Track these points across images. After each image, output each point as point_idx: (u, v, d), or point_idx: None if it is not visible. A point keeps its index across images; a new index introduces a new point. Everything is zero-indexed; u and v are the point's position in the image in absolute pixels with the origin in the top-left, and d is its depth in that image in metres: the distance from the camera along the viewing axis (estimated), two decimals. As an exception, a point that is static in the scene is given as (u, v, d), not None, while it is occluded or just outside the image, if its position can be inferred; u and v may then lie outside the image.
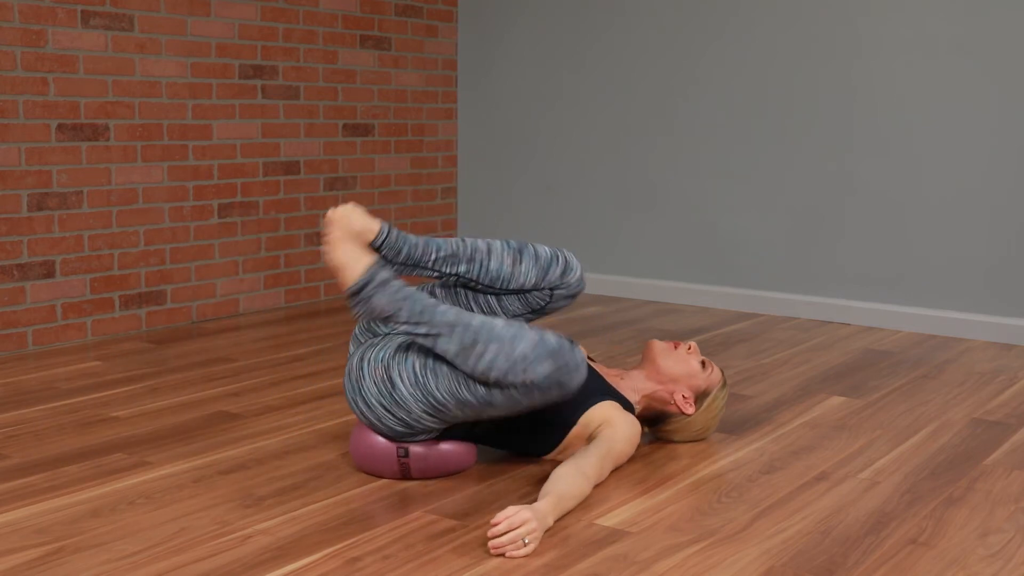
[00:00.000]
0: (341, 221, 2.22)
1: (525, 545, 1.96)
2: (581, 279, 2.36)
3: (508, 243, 2.32)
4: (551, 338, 2.13)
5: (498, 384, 2.12)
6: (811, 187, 4.29)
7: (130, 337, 3.87)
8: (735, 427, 2.83)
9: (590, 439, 2.41)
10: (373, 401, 2.29)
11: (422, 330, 2.17)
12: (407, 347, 2.28)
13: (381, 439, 2.36)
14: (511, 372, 2.10)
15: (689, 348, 2.62)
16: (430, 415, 2.25)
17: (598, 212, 4.83)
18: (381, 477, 2.40)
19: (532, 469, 2.48)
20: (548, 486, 2.12)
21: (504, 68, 5.02)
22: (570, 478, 2.15)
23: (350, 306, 2.21)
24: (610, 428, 2.37)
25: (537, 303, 2.40)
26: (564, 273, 2.35)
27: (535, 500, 2.29)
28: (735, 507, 2.25)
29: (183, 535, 2.08)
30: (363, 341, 2.42)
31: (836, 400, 3.11)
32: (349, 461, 2.53)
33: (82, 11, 3.66)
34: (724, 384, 2.65)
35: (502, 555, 1.97)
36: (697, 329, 4.09)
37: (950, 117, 3.97)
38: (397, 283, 2.20)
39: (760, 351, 3.73)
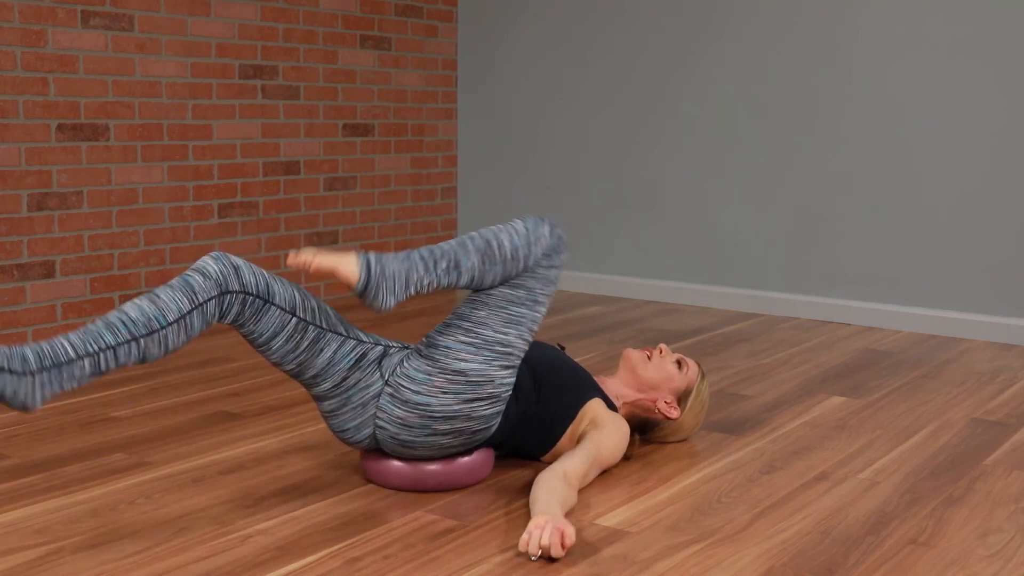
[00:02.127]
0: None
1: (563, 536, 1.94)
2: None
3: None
4: (527, 216, 2.31)
5: (526, 267, 2.27)
6: (811, 187, 4.29)
7: (130, 337, 3.86)
8: (735, 427, 2.83)
9: (580, 439, 2.40)
10: (456, 408, 2.22)
11: (443, 264, 2.19)
12: (429, 349, 2.22)
13: (396, 462, 2.31)
14: (530, 244, 2.26)
15: (661, 352, 2.62)
16: (506, 366, 2.25)
17: (598, 212, 4.83)
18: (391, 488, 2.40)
19: (530, 470, 2.48)
20: (536, 498, 2.09)
21: (504, 68, 5.02)
22: (556, 490, 2.13)
23: (370, 297, 2.12)
24: (598, 431, 2.36)
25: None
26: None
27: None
28: (735, 507, 2.25)
29: (183, 535, 2.08)
30: (365, 413, 2.26)
31: (836, 400, 3.11)
32: (349, 461, 2.53)
33: (82, 11, 3.66)
34: (703, 376, 2.64)
35: (556, 556, 1.95)
36: (697, 329, 4.09)
37: (950, 117, 3.97)
38: (387, 253, 2.19)
39: (760, 351, 3.73)
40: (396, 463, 2.31)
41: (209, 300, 2.07)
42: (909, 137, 4.06)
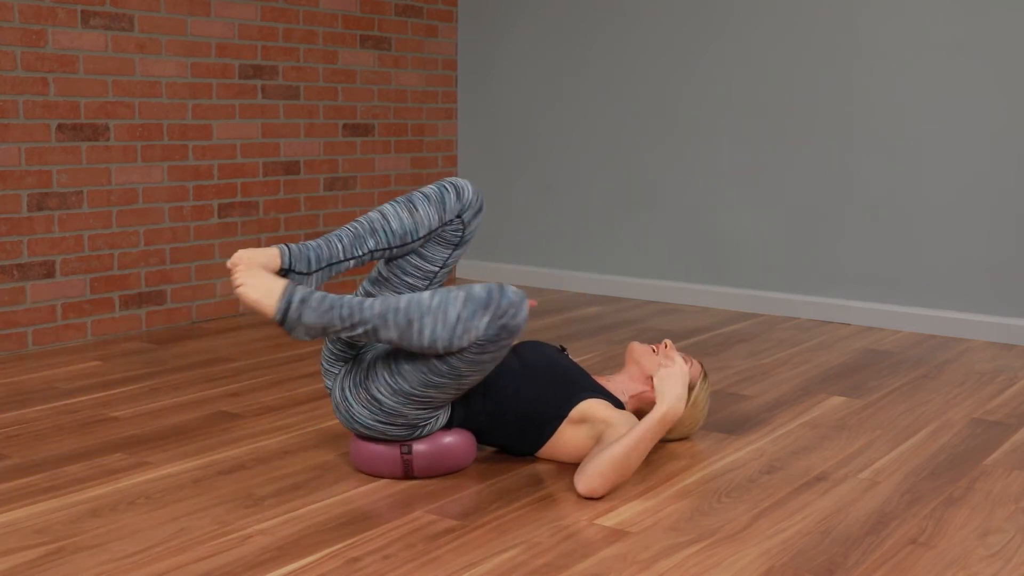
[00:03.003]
0: (243, 259, 2.21)
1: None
2: (476, 191, 2.40)
3: (396, 201, 2.35)
4: (477, 290, 2.15)
5: (450, 354, 2.16)
6: (811, 187, 4.29)
7: (130, 337, 3.87)
8: (735, 427, 2.83)
9: (599, 441, 2.40)
10: (370, 422, 2.33)
11: (359, 330, 2.17)
12: (372, 363, 2.32)
13: (380, 444, 2.37)
14: (454, 338, 2.12)
15: (666, 347, 2.62)
16: (422, 409, 2.29)
17: (598, 212, 4.83)
18: (382, 477, 2.40)
19: (532, 469, 2.48)
20: (603, 452, 2.25)
21: (504, 68, 5.02)
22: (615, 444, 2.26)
23: (287, 329, 2.23)
24: (612, 430, 2.37)
25: (454, 236, 2.41)
26: (459, 196, 2.38)
27: (534, 500, 2.29)
28: (735, 507, 2.25)
29: (183, 535, 2.08)
30: (336, 372, 2.43)
31: (836, 400, 3.11)
32: (349, 461, 2.53)
33: (82, 11, 3.66)
34: (705, 376, 2.65)
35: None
36: (697, 329, 4.09)
37: (950, 117, 3.97)
38: (317, 296, 2.18)
39: (760, 351, 3.73)
40: (381, 448, 2.36)
41: (452, 221, 2.34)
42: (909, 137, 4.06)
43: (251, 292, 2.18)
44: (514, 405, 2.41)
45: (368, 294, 2.43)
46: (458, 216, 2.38)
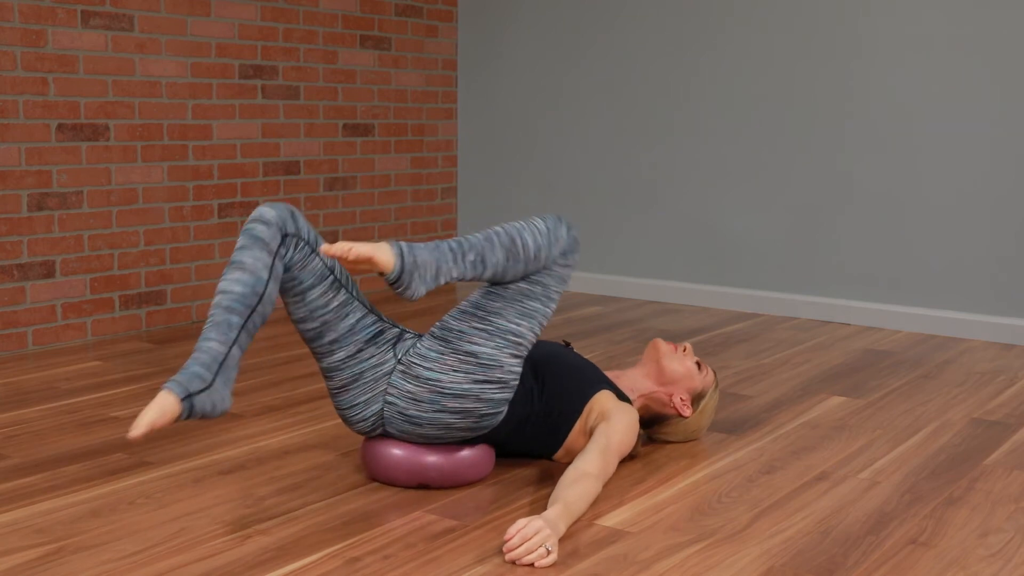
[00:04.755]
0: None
1: (549, 553, 1.95)
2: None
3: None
4: (545, 214, 2.37)
5: (545, 265, 2.33)
6: (811, 187, 4.29)
7: (130, 337, 3.87)
8: (735, 427, 2.83)
9: (589, 434, 2.41)
10: (466, 386, 2.26)
11: (471, 257, 2.25)
12: (447, 328, 2.29)
13: (399, 451, 2.33)
14: (551, 246, 2.32)
15: (685, 350, 2.64)
16: (515, 357, 2.31)
17: (598, 212, 4.83)
18: (396, 486, 2.40)
19: (531, 470, 2.48)
20: (555, 494, 2.12)
21: (504, 68, 5.02)
22: (575, 482, 2.14)
23: (402, 285, 2.17)
24: (606, 422, 2.37)
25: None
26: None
27: (534, 500, 2.29)
28: (735, 507, 2.25)
29: (183, 535, 2.08)
30: (376, 388, 2.30)
31: (836, 400, 3.11)
32: (349, 461, 2.53)
33: (82, 11, 3.66)
34: (716, 386, 2.67)
35: (530, 565, 1.95)
36: (697, 329, 4.09)
37: (950, 117, 3.97)
38: (417, 243, 2.24)
39: (760, 351, 3.73)
40: (397, 452, 2.31)
41: (279, 246, 2.23)
42: (909, 137, 4.06)
43: (364, 247, 2.16)
44: (539, 405, 2.40)
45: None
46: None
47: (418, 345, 2.29)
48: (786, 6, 4.27)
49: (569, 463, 2.53)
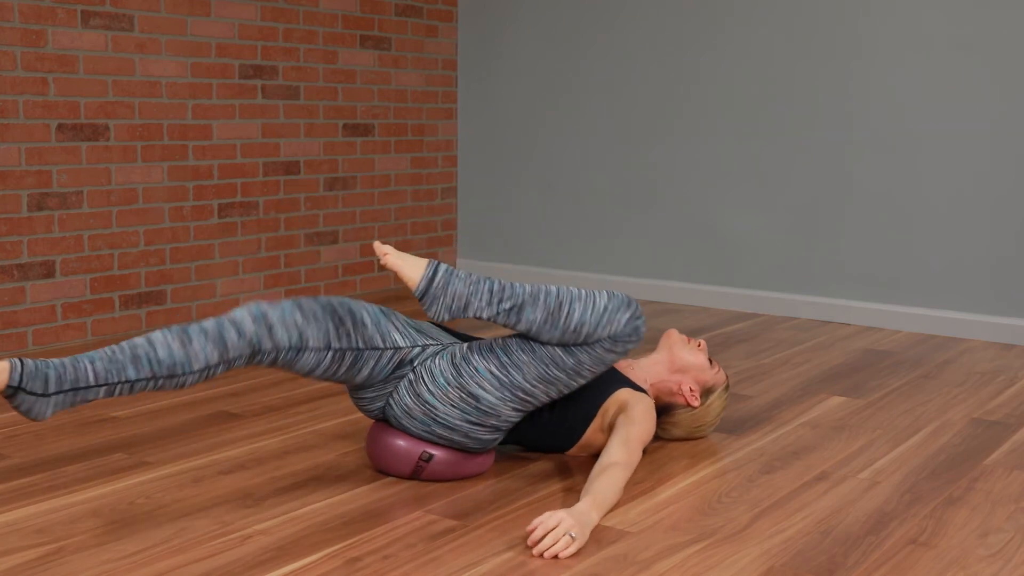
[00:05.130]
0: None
1: (573, 540, 1.98)
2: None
3: (170, 328, 2.10)
4: (618, 292, 2.26)
5: (586, 342, 2.22)
6: (811, 187, 4.29)
7: (130, 337, 3.87)
8: (735, 427, 2.83)
9: (608, 428, 2.42)
10: (457, 423, 2.28)
11: (507, 305, 2.20)
12: (466, 359, 2.26)
13: (402, 441, 2.35)
14: (599, 326, 2.20)
15: (699, 345, 2.65)
16: (518, 409, 2.29)
17: (598, 212, 4.83)
18: (388, 475, 2.40)
19: (532, 468, 2.48)
20: (584, 489, 2.16)
21: (504, 68, 5.02)
22: (601, 473, 2.18)
23: (425, 304, 2.18)
24: (624, 413, 2.40)
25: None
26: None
27: (534, 500, 2.29)
28: (735, 507, 2.25)
29: (183, 535, 2.08)
30: (384, 389, 2.31)
31: (836, 400, 3.11)
32: (349, 461, 2.53)
33: (82, 11, 3.66)
34: (727, 386, 2.67)
35: (555, 557, 1.97)
36: (697, 329, 4.09)
37: (950, 117, 3.97)
38: (462, 271, 2.22)
39: (760, 351, 3.73)
40: (401, 443, 2.33)
41: (239, 357, 2.11)
42: (909, 137, 4.06)
43: (398, 259, 2.18)
44: (554, 412, 2.42)
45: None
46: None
47: (436, 360, 2.28)
48: (786, 6, 4.27)
49: (584, 456, 2.55)
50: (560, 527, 1.98)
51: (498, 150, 5.09)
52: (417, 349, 2.31)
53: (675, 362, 2.61)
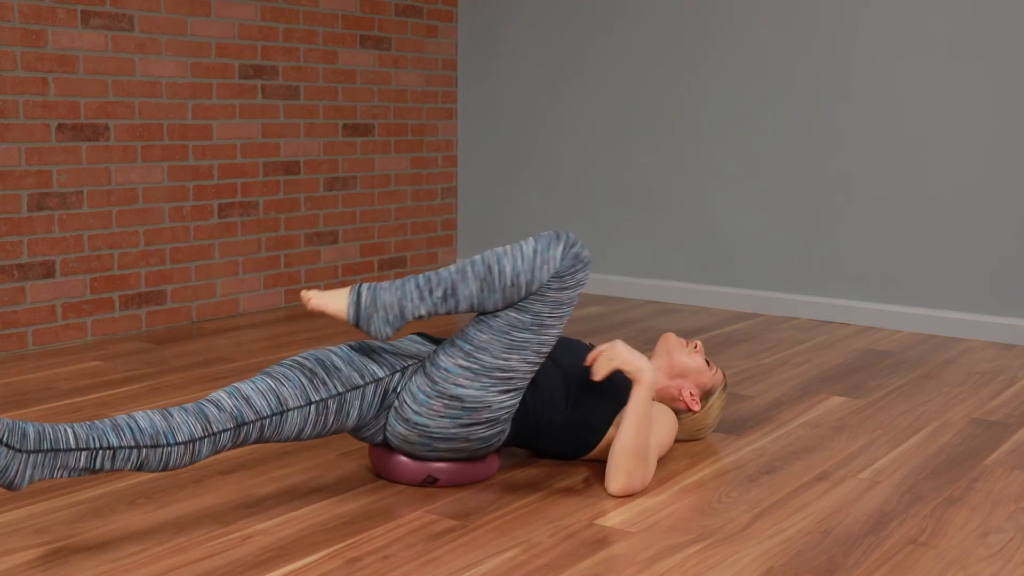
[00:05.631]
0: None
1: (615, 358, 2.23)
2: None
3: (152, 413, 2.04)
4: (547, 232, 2.22)
5: (532, 291, 2.18)
6: (811, 187, 4.29)
7: (130, 337, 3.87)
8: (735, 427, 2.83)
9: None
10: (453, 431, 2.24)
11: (438, 293, 2.17)
12: (435, 365, 2.22)
13: (406, 458, 2.33)
14: (536, 268, 2.17)
15: (696, 347, 2.64)
16: (506, 391, 2.23)
17: (598, 212, 4.83)
18: (400, 483, 2.40)
19: (532, 470, 2.48)
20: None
21: (504, 68, 5.02)
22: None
23: (364, 328, 2.17)
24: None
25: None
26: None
27: (534, 500, 2.29)
28: (735, 507, 2.25)
29: (183, 535, 2.08)
30: (377, 423, 2.27)
31: (836, 400, 3.11)
32: (349, 461, 2.53)
33: (82, 11, 3.66)
34: (725, 387, 2.67)
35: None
36: (697, 329, 4.09)
37: (950, 117, 3.97)
38: (386, 282, 2.20)
39: (760, 351, 3.73)
40: (403, 459, 2.33)
41: (224, 431, 2.06)
42: (909, 137, 4.06)
43: (320, 299, 2.17)
44: (559, 417, 2.39)
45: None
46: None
47: (413, 379, 2.24)
48: (786, 6, 4.27)
49: (556, 460, 2.54)
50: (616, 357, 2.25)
51: (498, 150, 5.09)
52: (398, 375, 2.26)
53: (674, 367, 2.59)
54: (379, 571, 1.92)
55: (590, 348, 2.59)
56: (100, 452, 1.92)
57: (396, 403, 2.24)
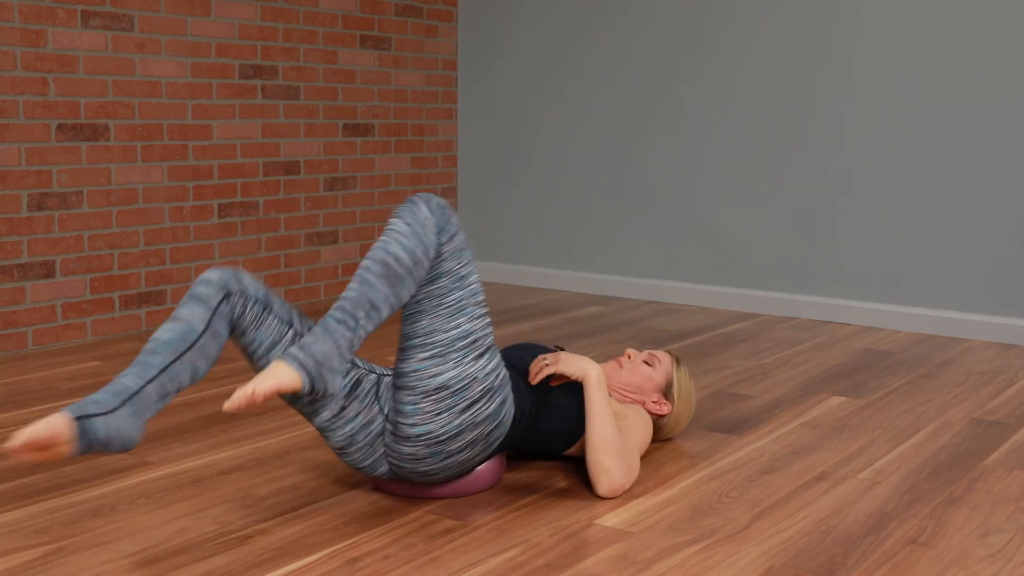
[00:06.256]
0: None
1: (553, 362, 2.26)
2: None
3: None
4: (399, 209, 2.21)
5: (433, 258, 2.16)
6: (811, 187, 4.29)
7: (130, 337, 3.87)
8: (735, 427, 2.83)
9: None
10: (458, 421, 2.17)
11: (360, 313, 2.09)
12: (401, 380, 2.17)
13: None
14: (422, 238, 2.14)
15: (629, 357, 2.61)
16: (480, 355, 2.17)
17: (598, 212, 4.83)
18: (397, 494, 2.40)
19: (531, 471, 2.48)
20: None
21: (504, 68, 5.02)
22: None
23: (320, 390, 2.04)
24: (621, 421, 2.40)
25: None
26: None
27: (534, 500, 2.29)
28: (735, 507, 2.25)
29: (183, 535, 2.08)
30: (373, 450, 2.23)
31: (836, 400, 3.11)
32: (349, 461, 2.53)
33: (82, 11, 3.66)
34: (678, 363, 2.63)
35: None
36: (697, 329, 4.09)
37: (950, 117, 3.97)
38: (306, 338, 2.07)
39: (760, 351, 3.73)
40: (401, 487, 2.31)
41: (220, 302, 2.12)
42: (909, 137, 4.06)
43: (264, 383, 1.99)
44: (538, 418, 2.37)
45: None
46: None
47: (389, 400, 2.20)
48: (786, 6, 4.27)
49: (556, 461, 2.53)
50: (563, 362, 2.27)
51: (498, 150, 5.09)
52: (374, 376, 2.24)
53: (624, 389, 2.57)
54: (379, 571, 1.92)
55: (559, 351, 2.58)
56: (158, 378, 2.02)
57: (391, 426, 2.18)
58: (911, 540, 2.09)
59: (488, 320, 2.24)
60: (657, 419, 2.60)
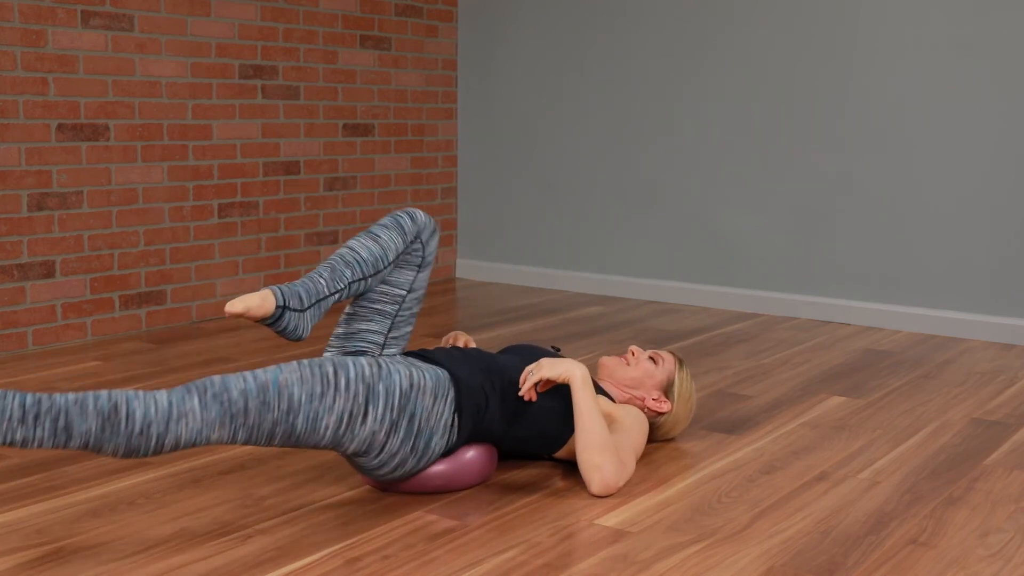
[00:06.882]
0: (240, 305, 2.16)
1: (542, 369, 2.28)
2: (427, 216, 2.43)
3: (359, 235, 2.37)
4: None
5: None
6: (811, 187, 4.29)
7: (130, 337, 3.87)
8: (735, 427, 2.83)
9: None
10: (428, 401, 2.22)
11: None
12: (359, 452, 2.20)
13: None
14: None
15: (633, 354, 2.62)
16: (373, 434, 2.17)
17: (598, 212, 4.83)
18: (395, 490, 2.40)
19: (532, 469, 2.48)
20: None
21: (504, 68, 5.02)
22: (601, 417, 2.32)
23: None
24: (616, 422, 2.39)
25: (417, 258, 2.37)
26: (413, 220, 2.39)
27: (534, 500, 2.29)
28: (735, 507, 2.26)
29: (183, 535, 2.08)
30: (386, 459, 2.26)
31: (836, 400, 3.11)
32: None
33: (82, 11, 3.66)
34: (681, 364, 2.64)
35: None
36: (697, 329, 4.09)
37: (950, 117, 3.98)
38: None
39: (760, 351, 3.73)
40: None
41: (412, 242, 2.36)
42: (909, 137, 4.06)
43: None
44: (525, 419, 2.37)
45: (340, 343, 2.38)
46: (416, 238, 2.38)
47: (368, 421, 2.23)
48: (786, 6, 4.27)
49: (557, 461, 2.53)
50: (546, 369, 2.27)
51: (498, 150, 5.09)
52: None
53: (624, 385, 2.58)
54: (379, 571, 1.92)
55: (555, 351, 2.58)
56: (342, 291, 2.26)
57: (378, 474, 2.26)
58: (911, 540, 2.09)
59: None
60: (655, 418, 2.60)
